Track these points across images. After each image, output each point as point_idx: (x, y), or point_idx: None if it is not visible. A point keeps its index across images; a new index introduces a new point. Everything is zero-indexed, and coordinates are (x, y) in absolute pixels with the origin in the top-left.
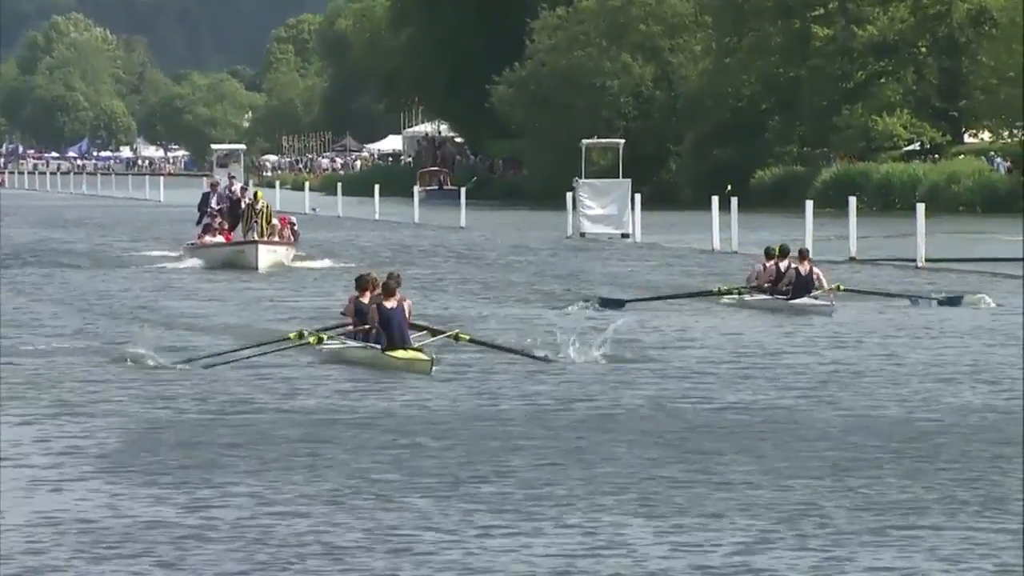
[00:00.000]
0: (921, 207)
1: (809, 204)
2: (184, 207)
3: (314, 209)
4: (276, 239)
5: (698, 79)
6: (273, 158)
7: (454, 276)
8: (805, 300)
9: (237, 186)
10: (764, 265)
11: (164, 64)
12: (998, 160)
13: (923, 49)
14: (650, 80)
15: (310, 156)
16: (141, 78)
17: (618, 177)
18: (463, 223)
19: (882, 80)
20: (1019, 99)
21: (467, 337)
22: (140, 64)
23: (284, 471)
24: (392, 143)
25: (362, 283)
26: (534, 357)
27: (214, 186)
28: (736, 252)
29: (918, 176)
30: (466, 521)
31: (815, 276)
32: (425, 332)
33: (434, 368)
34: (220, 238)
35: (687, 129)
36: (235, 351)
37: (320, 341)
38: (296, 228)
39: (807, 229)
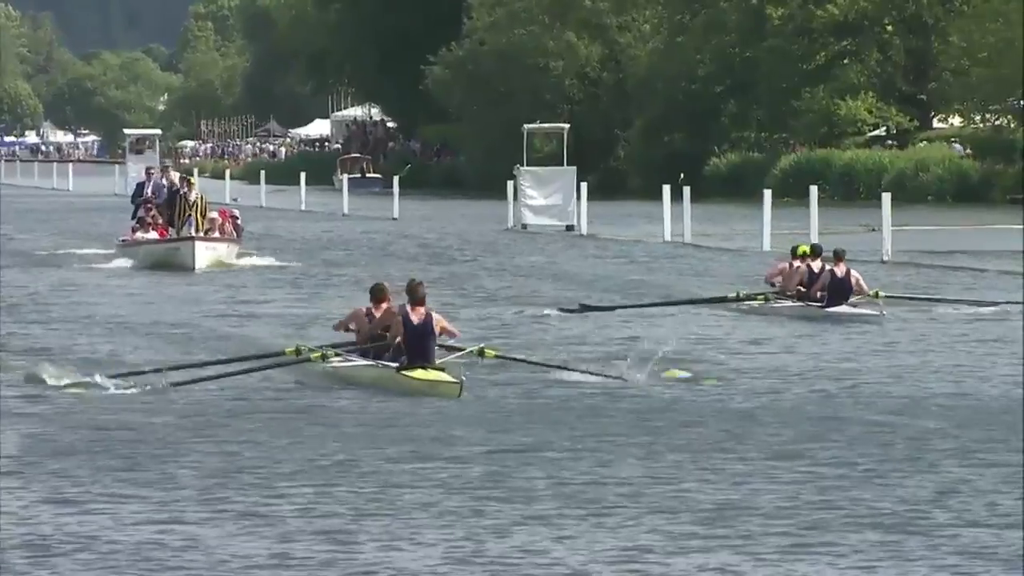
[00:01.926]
0: (887, 197)
1: (767, 194)
2: (96, 197)
3: (235, 199)
4: (216, 235)
5: (648, 60)
6: (191, 144)
7: (386, 273)
8: (844, 308)
9: (175, 175)
10: (790, 264)
11: (73, 42)
12: (957, 146)
13: (889, 28)
14: (596, 61)
15: (233, 142)
16: (48, 58)
17: (562, 165)
18: (396, 214)
19: (845, 61)
20: (990, 82)
21: (494, 353)
22: (47, 43)
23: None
24: (319, 128)
25: (378, 294)
26: (602, 375)
27: (150, 174)
28: (690, 245)
29: (884, 164)
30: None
31: (853, 280)
32: (443, 349)
33: (463, 391)
34: (154, 234)
35: (636, 113)
36: (215, 367)
37: (324, 358)
38: (240, 222)
39: (765, 220)
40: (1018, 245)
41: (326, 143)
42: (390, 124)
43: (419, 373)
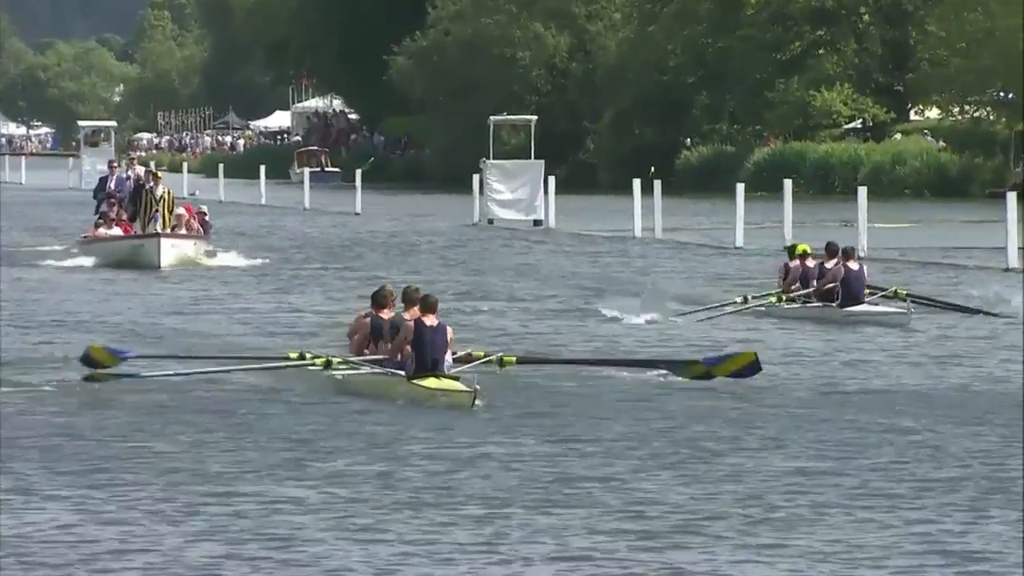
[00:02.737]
0: (863, 191)
1: (740, 187)
2: (50, 191)
3: (194, 193)
4: (183, 231)
5: (617, 50)
6: (147, 136)
7: (348, 271)
8: (864, 307)
9: (140, 169)
10: (786, 265)
11: (25, 32)
12: (930, 139)
13: (866, 17)
14: (565, 51)
15: (191, 134)
16: None
17: (530, 158)
18: (358, 209)
19: (820, 51)
20: (970, 72)
21: (513, 359)
22: None
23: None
24: (279, 120)
25: (381, 298)
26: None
27: (113, 168)
28: (661, 240)
29: (860, 157)
30: None
31: (866, 277)
32: (457, 362)
33: (477, 401)
34: (117, 230)
35: (606, 105)
36: (210, 365)
37: (329, 365)
38: (208, 219)
39: (738, 215)
40: (997, 241)
41: (287, 135)
42: (352, 116)
43: (430, 381)
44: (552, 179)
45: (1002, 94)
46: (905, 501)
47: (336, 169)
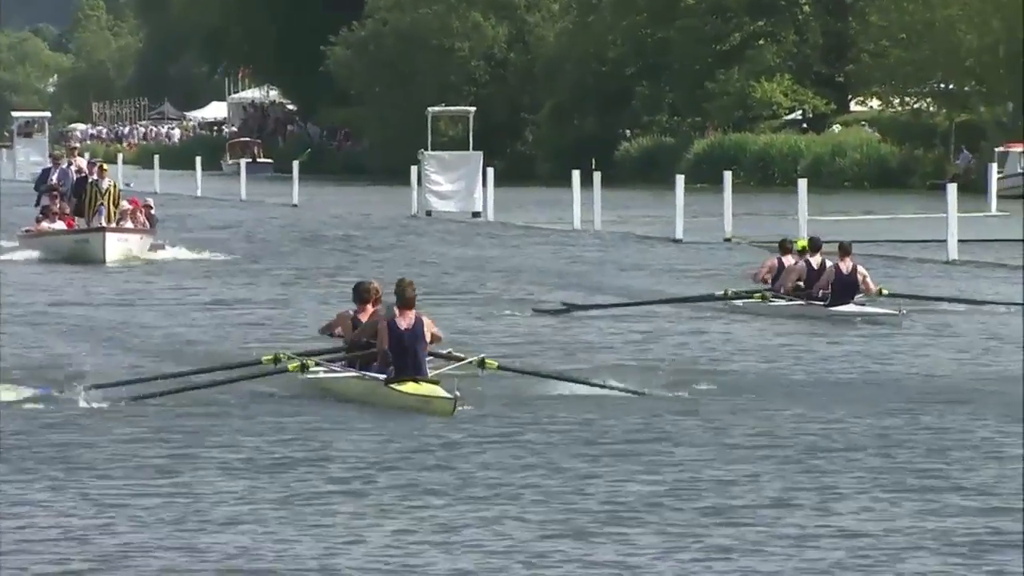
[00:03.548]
0: (803, 182)
1: (680, 179)
2: None
3: (128, 184)
4: (128, 225)
5: (557, 40)
6: (82, 127)
7: (283, 265)
8: (851, 307)
9: (83, 161)
10: (780, 260)
11: None
12: (868, 130)
13: (806, 8)
14: (504, 41)
15: (127, 125)
16: None
17: (468, 149)
18: (295, 200)
19: (760, 42)
20: (910, 63)
21: (496, 364)
22: None
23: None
24: (215, 111)
25: (364, 294)
26: (621, 389)
27: (56, 160)
28: (601, 232)
29: (800, 148)
30: None
31: (860, 277)
32: (439, 359)
33: (458, 408)
34: (61, 224)
35: (545, 96)
36: (178, 379)
37: (304, 368)
38: (153, 212)
39: (678, 207)
40: (938, 234)
41: (223, 126)
42: (289, 107)
43: (409, 387)
44: (491, 171)
45: (942, 85)
46: (907, 497)
47: (269, 160)
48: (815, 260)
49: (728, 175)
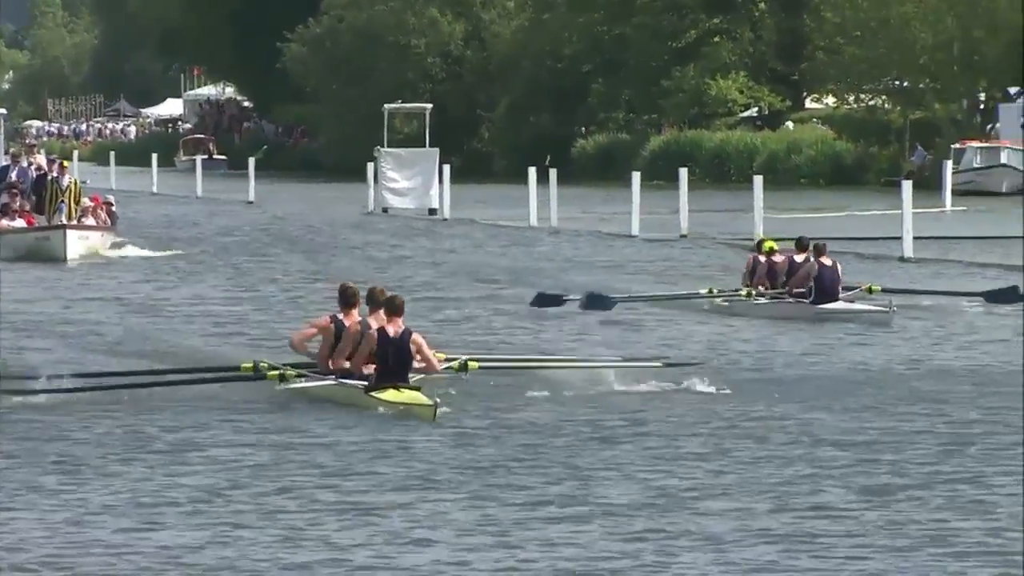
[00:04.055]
0: (758, 179)
1: (636, 176)
2: None
3: (84, 182)
4: (90, 222)
5: (513, 37)
6: (37, 124)
7: (243, 262)
8: (839, 304)
9: (43, 158)
10: (754, 259)
11: None
12: (821, 127)
13: (761, 5)
14: (460, 38)
15: (85, 122)
16: None
17: (424, 146)
18: (251, 197)
19: (716, 39)
20: (865, 61)
21: (478, 365)
22: None
23: None
24: (171, 107)
25: (350, 299)
26: (607, 365)
27: (15, 158)
28: (557, 229)
29: (755, 145)
30: None
31: (840, 274)
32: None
33: (439, 413)
34: (21, 222)
35: (501, 93)
36: (153, 378)
37: (284, 378)
38: (114, 209)
39: (634, 203)
40: (893, 230)
41: (179, 123)
42: (245, 104)
43: (390, 394)
44: (447, 167)
45: (897, 83)
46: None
47: (223, 157)
48: (799, 258)
49: (684, 172)
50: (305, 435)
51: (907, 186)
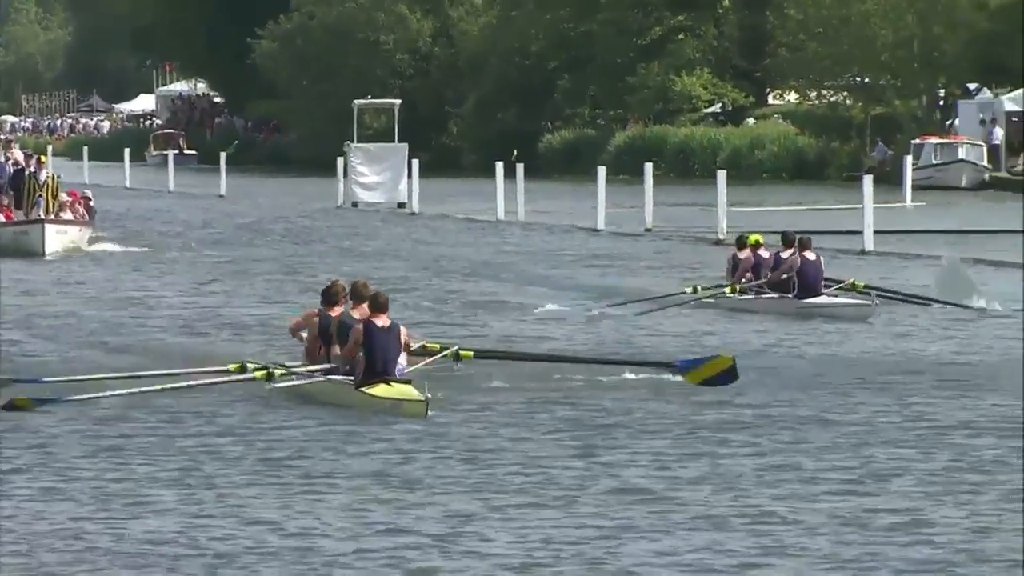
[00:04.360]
0: (722, 174)
1: (602, 171)
2: None
3: (59, 176)
4: (68, 217)
5: (481, 34)
6: (12, 119)
7: (220, 256)
8: (822, 299)
9: (20, 154)
10: (734, 255)
11: None
12: (782, 122)
13: (725, 2)
14: (429, 35)
15: (60, 118)
16: None
17: (393, 141)
18: (223, 191)
19: (680, 36)
20: (827, 57)
21: (471, 354)
22: None
23: None
24: (144, 103)
25: (333, 295)
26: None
27: None
28: (524, 223)
29: (719, 141)
30: None
31: (823, 268)
32: (413, 354)
33: (430, 410)
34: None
35: (469, 89)
36: (139, 381)
37: (271, 377)
38: (92, 204)
39: (600, 198)
40: (854, 225)
41: (152, 118)
42: (217, 99)
43: (380, 389)
44: (416, 162)
45: (858, 79)
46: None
47: (193, 152)
48: (785, 254)
49: (649, 167)
50: (295, 432)
51: (868, 181)
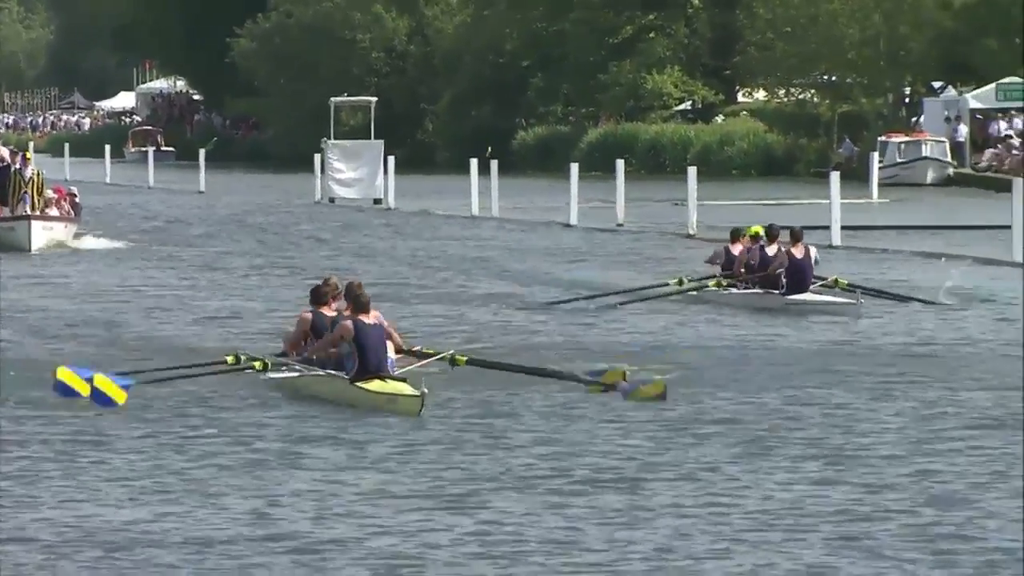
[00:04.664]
0: (692, 170)
1: (574, 167)
2: None
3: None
4: (54, 213)
5: (455, 33)
6: None
7: (206, 251)
8: (808, 296)
9: (5, 151)
10: (727, 248)
11: None
12: (750, 120)
13: (695, 1)
14: (404, 34)
15: (42, 115)
16: None
17: (370, 138)
18: (202, 187)
19: (652, 35)
20: (795, 56)
21: (464, 360)
22: None
23: None
24: (124, 100)
25: (322, 294)
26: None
27: None
28: (498, 218)
29: (689, 137)
30: None
31: (814, 264)
32: (407, 355)
33: (424, 406)
34: None
35: (444, 87)
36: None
37: (267, 367)
38: (77, 200)
39: (572, 194)
40: (821, 219)
41: (132, 115)
42: (196, 97)
43: (375, 384)
44: (392, 159)
45: (825, 77)
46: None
47: (171, 148)
48: (771, 249)
49: (621, 163)
50: (290, 426)
51: (835, 177)
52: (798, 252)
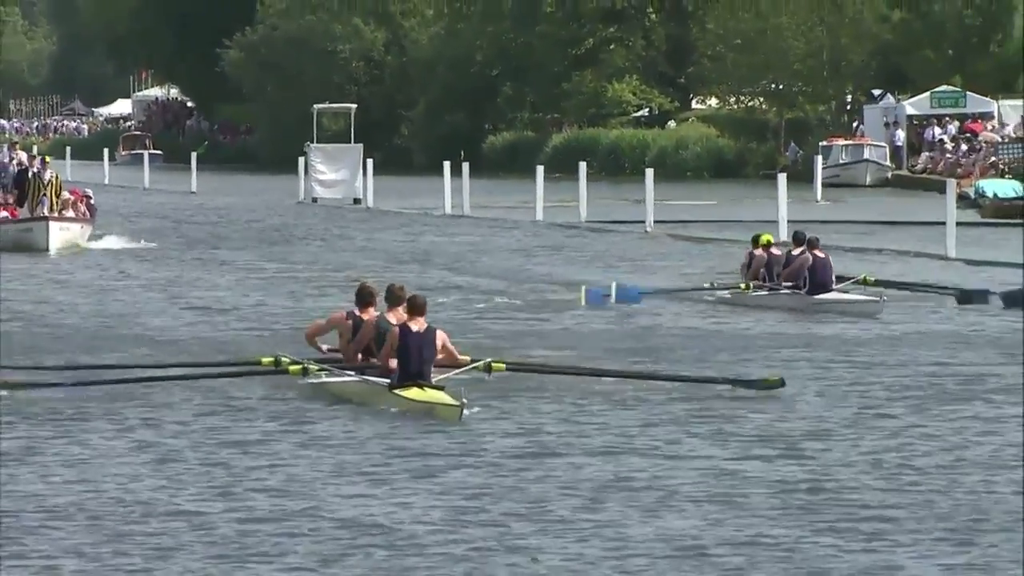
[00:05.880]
0: (650, 172)
1: (540, 169)
2: None
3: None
4: (70, 215)
5: (430, 44)
6: (3, 123)
7: (219, 251)
8: (833, 295)
9: (23, 154)
10: (750, 254)
11: None
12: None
13: (652, 16)
14: (382, 45)
15: (48, 120)
16: None
17: (350, 142)
18: (194, 188)
19: (612, 47)
20: (744, 66)
21: (503, 366)
22: None
23: None
24: (121, 107)
25: (366, 297)
26: (637, 376)
27: None
28: (469, 216)
29: (647, 142)
30: None
31: (831, 265)
32: (444, 365)
33: (464, 414)
34: (4, 214)
35: (419, 94)
36: (181, 370)
37: (306, 372)
38: (93, 202)
39: (538, 194)
40: (769, 215)
41: (128, 121)
42: (188, 103)
43: (414, 392)
44: (370, 161)
45: (773, 86)
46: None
47: (159, 152)
48: (796, 252)
49: (583, 166)
50: (326, 430)
51: (782, 179)
52: (819, 254)
